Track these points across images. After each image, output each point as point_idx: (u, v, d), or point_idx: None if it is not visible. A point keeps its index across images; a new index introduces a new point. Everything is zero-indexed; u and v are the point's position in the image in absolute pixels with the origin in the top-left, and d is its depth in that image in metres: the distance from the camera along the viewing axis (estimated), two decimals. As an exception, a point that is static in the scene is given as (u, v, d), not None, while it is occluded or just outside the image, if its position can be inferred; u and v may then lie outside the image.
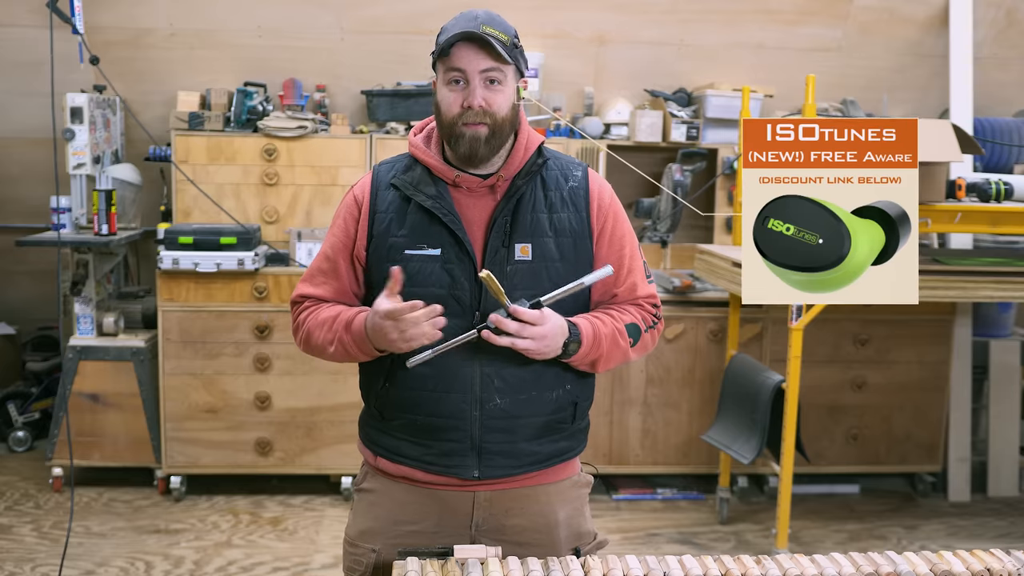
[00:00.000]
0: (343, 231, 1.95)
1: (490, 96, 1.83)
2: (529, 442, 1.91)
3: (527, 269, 1.87)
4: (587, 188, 1.94)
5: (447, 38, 1.83)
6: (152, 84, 4.64)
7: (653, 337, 2.00)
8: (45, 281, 4.87)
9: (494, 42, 1.81)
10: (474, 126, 1.83)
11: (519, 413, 1.89)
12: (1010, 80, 5.01)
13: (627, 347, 1.93)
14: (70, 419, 4.10)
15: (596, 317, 1.92)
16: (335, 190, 4.34)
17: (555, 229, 1.90)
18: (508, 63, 1.84)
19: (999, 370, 4.59)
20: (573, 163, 1.99)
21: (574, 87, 4.82)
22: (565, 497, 1.98)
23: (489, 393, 1.87)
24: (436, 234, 1.87)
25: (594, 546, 2.03)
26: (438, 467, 1.91)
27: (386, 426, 1.96)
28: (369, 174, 1.99)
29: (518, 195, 1.89)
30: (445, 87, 1.86)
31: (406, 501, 1.95)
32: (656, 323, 2.00)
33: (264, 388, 4.21)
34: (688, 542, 3.98)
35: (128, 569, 3.60)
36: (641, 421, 4.35)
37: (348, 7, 4.62)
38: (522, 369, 1.87)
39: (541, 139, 1.96)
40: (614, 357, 1.93)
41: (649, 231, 4.55)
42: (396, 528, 1.94)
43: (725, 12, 4.79)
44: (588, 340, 1.87)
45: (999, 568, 1.69)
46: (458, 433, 1.88)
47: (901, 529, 4.16)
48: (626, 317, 1.94)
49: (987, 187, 3.59)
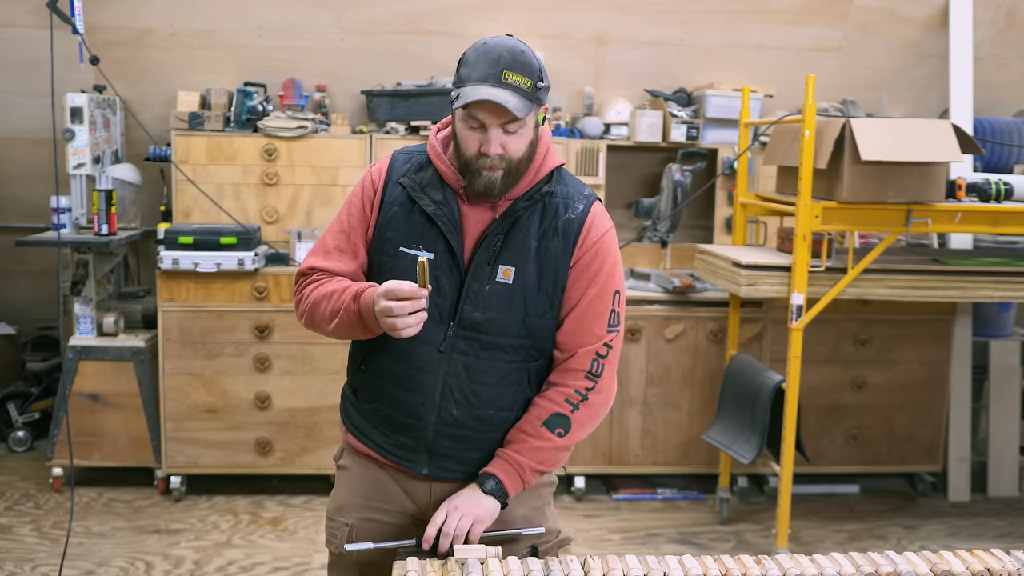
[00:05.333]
0: (360, 211, 1.95)
1: (508, 142, 1.82)
2: (480, 452, 1.94)
3: (505, 292, 1.88)
4: (582, 221, 1.91)
5: (465, 92, 1.77)
6: (152, 84, 4.64)
7: (591, 406, 1.92)
8: (45, 281, 4.87)
9: (512, 99, 1.76)
10: (490, 170, 1.83)
11: (472, 427, 1.92)
12: (1010, 80, 5.01)
13: (556, 443, 1.90)
14: (70, 419, 4.10)
15: (511, 442, 1.91)
16: (335, 190, 4.34)
17: (540, 258, 1.89)
18: (530, 108, 1.81)
19: (999, 370, 4.59)
20: (580, 195, 1.95)
21: (574, 87, 4.82)
22: (523, 497, 1.98)
23: (447, 403, 1.90)
24: (433, 238, 1.89)
25: (555, 544, 2.02)
26: (393, 457, 1.97)
27: (358, 406, 2.02)
28: (387, 159, 1.98)
29: (515, 217, 1.89)
30: (461, 123, 1.84)
31: (376, 479, 2.01)
32: (588, 392, 1.91)
33: (264, 388, 4.21)
34: (688, 542, 3.98)
35: (128, 569, 3.60)
36: (641, 421, 4.35)
37: (348, 7, 4.62)
38: (483, 387, 1.90)
39: (558, 163, 1.94)
40: (551, 460, 1.92)
41: (649, 231, 4.55)
42: (367, 503, 2.00)
43: (725, 12, 4.79)
44: (512, 480, 1.89)
45: (999, 568, 1.70)
46: (413, 432, 1.93)
47: (901, 529, 4.16)
48: (542, 413, 1.91)
49: (987, 187, 3.59)
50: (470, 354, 1.89)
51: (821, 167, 3.44)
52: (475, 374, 1.89)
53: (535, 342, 1.92)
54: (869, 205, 3.47)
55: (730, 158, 4.48)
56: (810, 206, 3.46)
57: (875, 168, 3.41)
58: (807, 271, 3.53)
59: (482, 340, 1.88)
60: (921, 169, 3.45)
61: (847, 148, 3.40)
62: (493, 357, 1.89)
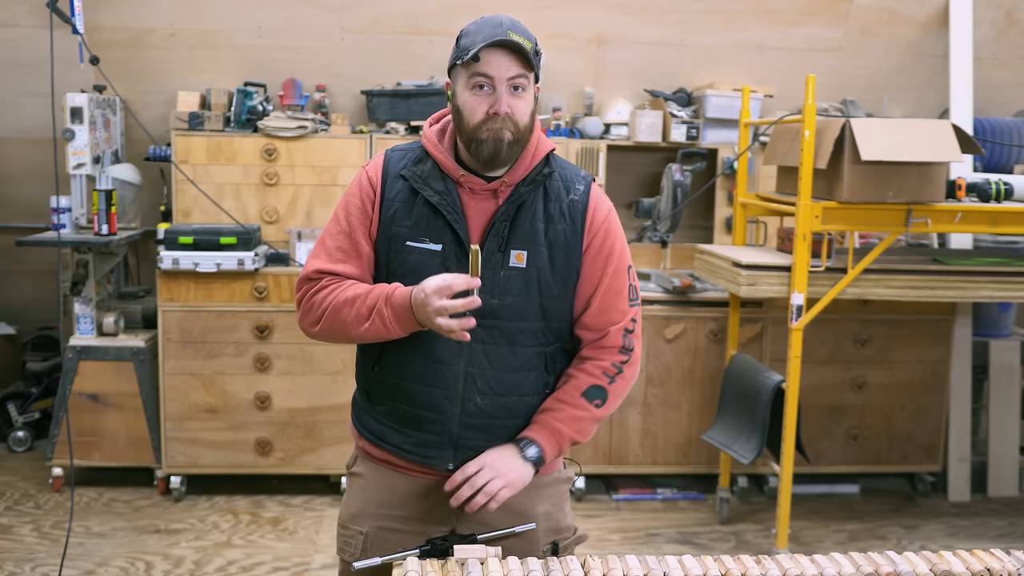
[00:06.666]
0: (360, 210, 1.93)
1: (515, 103, 1.83)
2: (505, 441, 1.93)
3: (520, 276, 1.88)
4: (586, 202, 1.94)
5: (476, 43, 1.81)
6: (152, 84, 4.64)
7: (625, 378, 1.97)
8: (45, 281, 4.88)
9: (522, 49, 1.81)
10: (499, 130, 1.83)
11: (498, 415, 1.91)
12: (1010, 80, 5.01)
13: (595, 414, 1.93)
14: (70, 419, 4.10)
15: (551, 410, 1.92)
16: (335, 190, 4.34)
17: (550, 240, 1.90)
18: (532, 70, 1.85)
19: (999, 370, 4.59)
20: (578, 176, 1.98)
21: (574, 87, 4.82)
22: (544, 493, 1.99)
23: (471, 392, 1.89)
24: (439, 230, 1.88)
25: (573, 541, 2.04)
26: (415, 456, 1.94)
27: (373, 409, 2.00)
28: (380, 157, 1.97)
29: (519, 202, 1.90)
30: (468, 91, 1.84)
31: (392, 486, 1.98)
32: (623, 365, 1.96)
33: (264, 388, 4.21)
34: (688, 542, 3.98)
35: (128, 569, 3.60)
36: (641, 421, 4.35)
37: (348, 7, 4.62)
38: (506, 373, 1.89)
39: (551, 147, 1.96)
40: (585, 431, 1.94)
41: (649, 231, 4.55)
42: (382, 511, 1.97)
43: (725, 12, 4.79)
44: (551, 447, 1.89)
45: (999, 568, 1.69)
46: (437, 427, 1.91)
47: (901, 529, 4.16)
48: (582, 383, 1.93)
49: (987, 187, 3.59)
50: (489, 342, 1.88)
51: (821, 167, 3.44)
52: (497, 361, 1.89)
53: (550, 325, 1.92)
54: (869, 205, 3.47)
55: (730, 158, 4.48)
56: (810, 206, 3.46)
57: (875, 168, 3.41)
58: (807, 271, 3.53)
59: (501, 327, 1.88)
60: (921, 169, 3.45)
61: (847, 148, 3.40)
62: (513, 343, 1.89)
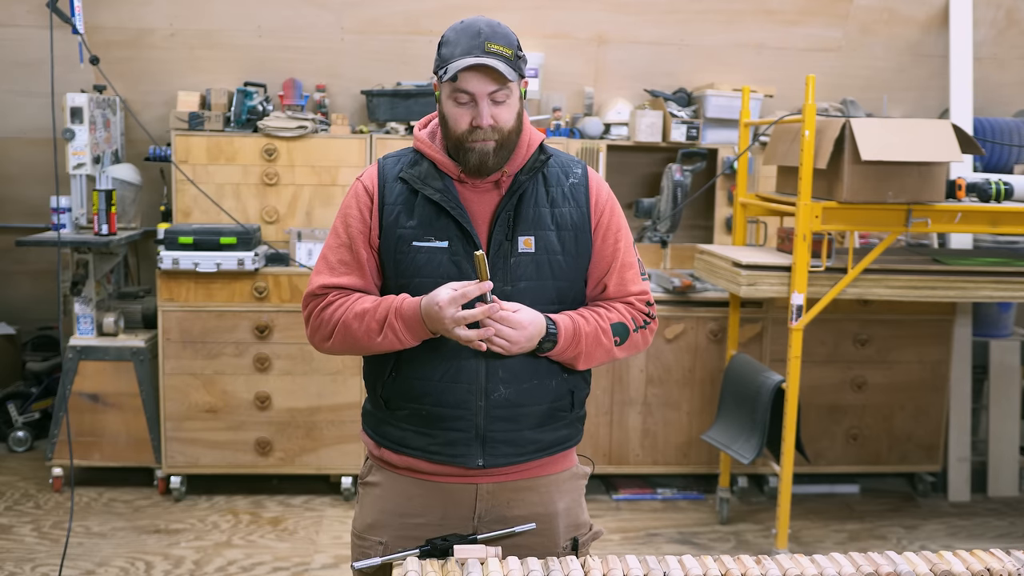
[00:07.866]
0: (359, 220, 1.94)
1: (497, 113, 1.85)
2: (532, 430, 1.94)
3: (530, 261, 1.90)
4: (587, 184, 1.98)
5: (452, 65, 1.82)
6: (152, 84, 4.64)
7: (645, 337, 2.01)
8: (45, 281, 4.88)
9: (500, 64, 1.81)
10: (483, 142, 1.85)
11: (523, 402, 1.92)
12: (1010, 80, 5.01)
13: (611, 346, 1.95)
14: (70, 419, 4.10)
15: (580, 314, 1.93)
16: (335, 190, 4.34)
17: (557, 223, 1.93)
18: (514, 78, 1.85)
19: (999, 370, 4.59)
20: (573, 161, 2.02)
21: (574, 87, 4.82)
22: (564, 488, 2.02)
23: (494, 383, 1.90)
24: (443, 227, 1.89)
25: (591, 536, 2.06)
26: (442, 456, 1.93)
27: (391, 416, 1.97)
28: (375, 166, 1.99)
29: (520, 190, 1.92)
30: (451, 103, 1.86)
31: (411, 494, 1.97)
32: (648, 323, 2.01)
33: (264, 388, 4.21)
34: (688, 542, 3.97)
35: (128, 569, 3.60)
36: (641, 421, 4.35)
37: (348, 7, 4.62)
38: (524, 359, 1.90)
39: (541, 137, 1.99)
40: (596, 355, 1.95)
41: (649, 231, 4.55)
42: (402, 521, 1.97)
43: (725, 12, 4.78)
44: (566, 337, 1.89)
45: (999, 568, 1.70)
46: (463, 423, 1.91)
47: (901, 529, 4.16)
48: (613, 316, 1.96)
49: (987, 187, 3.59)
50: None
51: (821, 167, 3.44)
52: None
53: (565, 306, 1.94)
54: (869, 205, 3.47)
55: (730, 158, 4.48)
56: (810, 206, 3.46)
57: (875, 168, 3.41)
58: (807, 271, 3.53)
59: None
60: (921, 169, 3.45)
61: (847, 148, 3.40)
62: None
